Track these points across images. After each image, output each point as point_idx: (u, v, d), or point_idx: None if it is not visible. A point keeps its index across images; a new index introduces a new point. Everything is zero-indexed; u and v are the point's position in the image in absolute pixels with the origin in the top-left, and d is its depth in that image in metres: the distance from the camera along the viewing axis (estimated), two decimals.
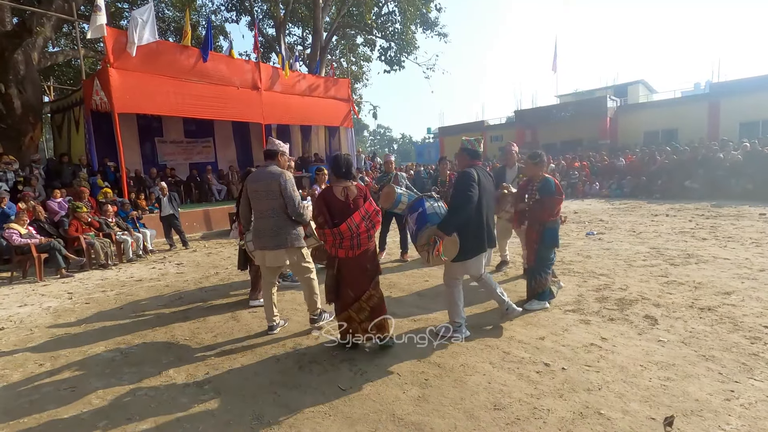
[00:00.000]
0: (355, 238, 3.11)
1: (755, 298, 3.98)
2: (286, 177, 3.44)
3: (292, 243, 3.50)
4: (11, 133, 10.91)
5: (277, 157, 3.61)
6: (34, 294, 5.79)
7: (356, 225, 3.10)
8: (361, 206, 3.18)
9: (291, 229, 3.51)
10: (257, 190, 3.49)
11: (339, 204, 3.18)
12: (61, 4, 11.41)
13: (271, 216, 3.46)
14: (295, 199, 3.45)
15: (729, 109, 19.49)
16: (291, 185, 3.45)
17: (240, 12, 22.75)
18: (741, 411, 2.30)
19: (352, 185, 3.26)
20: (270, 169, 3.50)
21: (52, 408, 2.73)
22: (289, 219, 3.49)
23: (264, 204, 3.47)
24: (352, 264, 3.18)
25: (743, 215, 8.63)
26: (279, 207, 3.45)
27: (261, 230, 3.52)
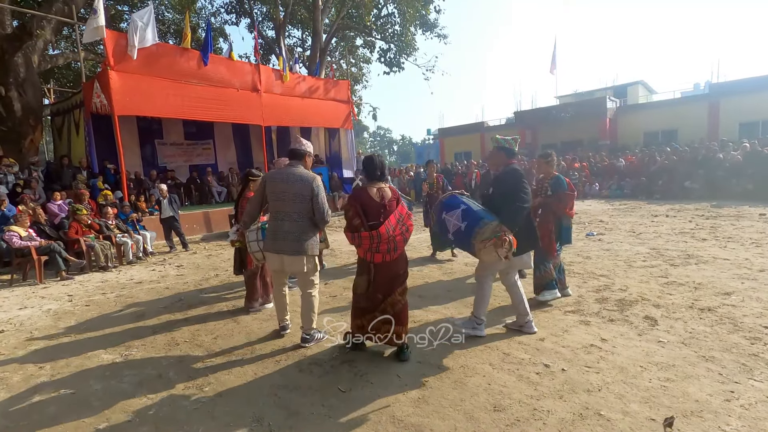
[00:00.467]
0: (392, 242, 3.03)
1: (755, 298, 3.98)
2: (319, 182, 3.32)
3: (312, 250, 3.36)
4: (11, 135, 10.92)
5: (305, 159, 3.45)
6: (34, 296, 5.79)
7: (393, 227, 3.04)
8: (395, 209, 3.11)
9: (313, 236, 3.37)
10: (285, 191, 3.30)
11: (375, 206, 3.09)
12: (61, 6, 11.44)
13: (296, 220, 3.30)
14: (326, 206, 3.33)
15: (728, 109, 19.48)
16: (323, 191, 3.34)
17: (240, 14, 22.78)
18: (741, 412, 2.30)
19: (386, 187, 3.18)
20: (300, 171, 3.34)
21: (53, 411, 2.73)
22: (312, 225, 3.36)
23: (290, 206, 3.29)
24: (386, 269, 3.10)
25: (743, 215, 8.63)
26: (306, 211, 3.30)
27: (281, 233, 3.32)
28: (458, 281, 5.29)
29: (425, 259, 6.66)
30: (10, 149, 10.69)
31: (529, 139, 26.41)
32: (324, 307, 4.54)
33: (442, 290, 4.91)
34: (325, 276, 5.93)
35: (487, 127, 30.12)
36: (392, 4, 20.85)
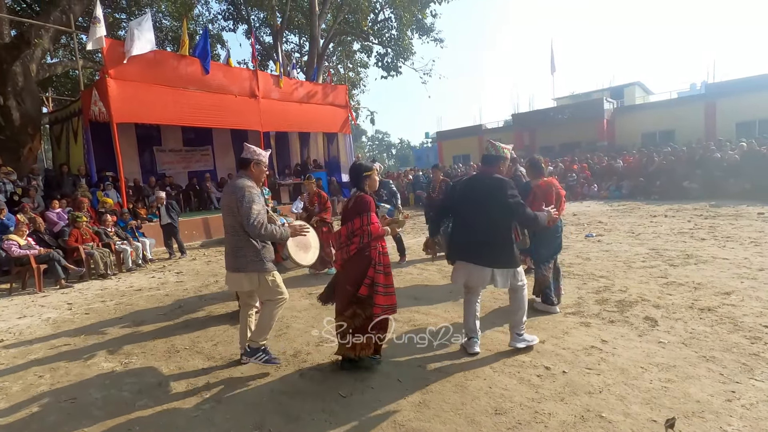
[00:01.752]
0: (340, 251, 3.07)
1: (755, 297, 3.98)
2: (243, 193, 2.94)
3: (251, 267, 3.03)
4: (10, 144, 10.93)
5: (250, 167, 3.14)
6: (34, 305, 5.78)
7: (339, 236, 3.07)
8: (350, 220, 3.02)
9: (250, 251, 3.03)
10: (223, 205, 3.14)
11: (344, 212, 3.18)
12: (59, 15, 11.49)
13: (230, 233, 3.10)
14: (251, 216, 2.91)
15: (725, 109, 19.56)
16: (248, 200, 2.93)
17: (237, 21, 22.89)
18: (742, 412, 2.30)
19: (355, 195, 3.10)
20: (233, 182, 3.09)
21: (53, 420, 2.72)
22: (247, 239, 3.03)
23: (226, 219, 3.12)
24: (340, 275, 3.15)
25: (741, 215, 8.65)
26: (238, 225, 3.01)
27: (226, 247, 3.19)
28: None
29: (425, 261, 6.65)
30: (9, 158, 10.69)
31: (527, 141, 26.49)
32: (324, 312, 4.52)
33: (443, 293, 4.90)
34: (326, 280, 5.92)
35: (485, 130, 30.20)
36: (389, 9, 20.96)
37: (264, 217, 2.99)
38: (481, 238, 3.11)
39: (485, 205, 3.10)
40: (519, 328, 3.23)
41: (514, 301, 3.24)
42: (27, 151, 11.37)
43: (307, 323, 4.20)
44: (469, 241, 3.17)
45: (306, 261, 3.51)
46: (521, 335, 3.24)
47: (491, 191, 3.08)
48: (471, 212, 3.16)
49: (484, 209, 3.10)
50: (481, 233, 3.12)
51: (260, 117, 12.55)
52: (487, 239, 3.10)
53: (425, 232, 7.40)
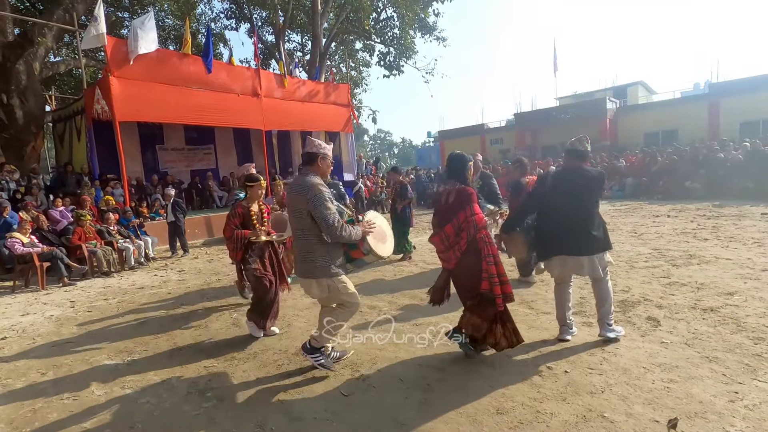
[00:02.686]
0: (450, 251, 2.98)
1: (758, 298, 3.96)
2: (315, 193, 2.74)
3: (322, 273, 2.83)
4: (13, 142, 10.98)
5: (317, 163, 2.94)
6: (37, 303, 5.80)
7: (447, 237, 2.96)
8: (454, 216, 2.94)
9: (321, 256, 2.83)
10: (290, 206, 2.96)
11: (440, 208, 3.10)
12: (62, 14, 11.52)
13: (300, 237, 2.89)
14: (328, 218, 2.71)
15: (729, 108, 19.49)
16: (321, 199, 2.73)
17: (239, 19, 22.90)
18: (745, 412, 2.29)
19: (454, 188, 3.01)
20: (300, 181, 2.87)
21: (55, 417, 2.73)
22: (321, 242, 2.83)
23: (294, 222, 2.92)
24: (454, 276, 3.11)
25: (745, 215, 8.61)
26: (309, 227, 2.82)
27: (296, 252, 3.00)
28: None
29: (427, 260, 6.65)
30: (12, 156, 10.74)
31: (529, 141, 26.45)
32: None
33: None
34: None
35: (487, 129, 30.17)
36: (391, 8, 20.93)
37: (339, 217, 2.82)
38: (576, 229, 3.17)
39: (582, 197, 3.19)
40: (609, 318, 3.26)
41: (601, 291, 3.26)
42: (30, 150, 11.41)
43: (308, 322, 4.20)
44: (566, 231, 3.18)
45: (386, 252, 3.31)
46: (611, 325, 3.27)
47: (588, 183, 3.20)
48: (567, 204, 3.19)
49: (581, 200, 3.18)
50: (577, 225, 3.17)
51: (262, 116, 12.55)
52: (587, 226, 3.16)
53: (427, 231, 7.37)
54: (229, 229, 3.82)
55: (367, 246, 3.05)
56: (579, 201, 3.18)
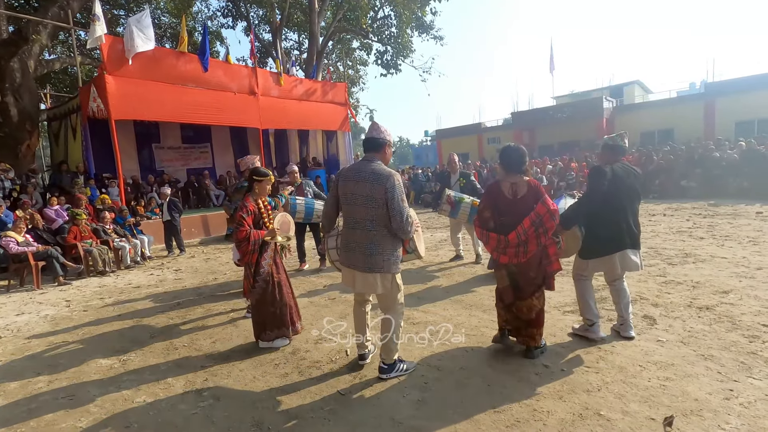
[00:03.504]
0: (522, 246, 2.85)
1: (753, 296, 3.98)
2: (395, 181, 2.66)
3: (389, 268, 2.76)
4: (8, 141, 10.90)
5: (384, 150, 2.82)
6: (32, 302, 5.77)
7: (524, 231, 2.81)
8: (532, 208, 2.83)
9: (391, 248, 2.75)
10: (355, 193, 2.74)
11: (506, 202, 2.92)
12: (57, 11, 11.44)
13: (369, 228, 2.71)
14: (404, 211, 2.66)
15: (724, 108, 19.58)
16: (400, 191, 2.67)
17: (236, 18, 22.77)
18: (740, 410, 2.30)
19: (523, 180, 2.90)
20: (373, 167, 2.72)
21: (51, 417, 2.71)
22: (390, 235, 2.74)
23: (361, 211, 2.73)
24: (517, 269, 2.97)
25: (740, 214, 8.66)
26: (380, 218, 2.69)
27: (352, 244, 2.80)
28: (458, 284, 5.28)
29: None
30: (7, 155, 10.66)
31: (526, 140, 26.48)
32: (324, 310, 4.53)
33: (441, 292, 4.91)
34: (326, 278, 5.92)
35: (484, 128, 30.20)
36: (388, 7, 20.89)
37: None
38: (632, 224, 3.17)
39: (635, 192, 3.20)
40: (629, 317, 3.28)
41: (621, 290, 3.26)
42: (25, 148, 11.34)
43: (306, 321, 4.19)
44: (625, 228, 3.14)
45: (423, 252, 3.28)
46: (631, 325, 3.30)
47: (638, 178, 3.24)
48: (624, 202, 3.14)
49: (635, 196, 3.20)
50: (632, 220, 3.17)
51: (259, 114, 12.53)
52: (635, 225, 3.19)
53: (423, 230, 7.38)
54: (245, 230, 3.38)
55: (412, 244, 3.02)
56: (634, 196, 3.19)
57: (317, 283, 5.70)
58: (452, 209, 5.57)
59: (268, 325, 3.57)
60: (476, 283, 5.17)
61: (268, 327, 3.57)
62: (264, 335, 3.57)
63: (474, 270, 5.82)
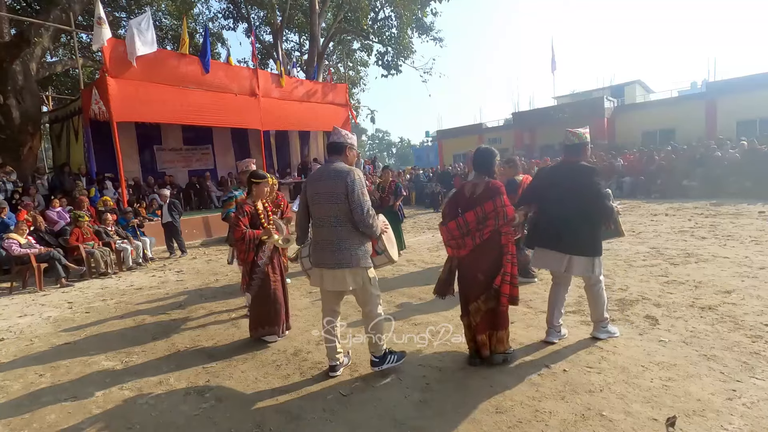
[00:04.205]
0: (460, 239, 2.94)
1: (756, 296, 3.97)
2: (355, 176, 2.77)
3: (357, 261, 2.79)
4: (10, 143, 10.93)
5: (345, 152, 2.93)
6: (34, 304, 5.78)
7: (465, 223, 2.91)
8: (481, 205, 2.91)
9: (358, 243, 2.81)
10: (318, 192, 2.83)
11: (464, 200, 3.05)
12: (59, 14, 11.47)
13: (334, 225, 2.79)
14: (364, 205, 2.75)
15: (726, 107, 19.53)
16: (360, 186, 2.78)
17: (237, 19, 22.84)
18: (743, 410, 2.29)
19: (483, 181, 3.01)
20: (334, 166, 2.85)
21: (53, 418, 2.72)
22: (355, 230, 2.80)
23: (325, 209, 2.82)
24: (464, 266, 3.02)
25: (742, 213, 8.64)
26: (344, 214, 2.77)
27: (320, 242, 2.88)
28: None
29: (424, 260, 6.65)
30: (9, 157, 10.69)
31: (527, 140, 26.48)
32: None
33: None
34: None
35: (485, 129, 30.18)
36: (389, 8, 20.91)
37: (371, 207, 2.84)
38: (564, 225, 3.12)
39: (573, 193, 3.11)
40: (603, 321, 3.31)
41: (591, 295, 3.29)
42: (27, 150, 11.36)
43: (307, 322, 4.20)
44: (551, 227, 3.19)
45: (396, 256, 3.29)
46: (605, 327, 3.32)
47: (579, 179, 3.12)
48: (557, 200, 3.16)
49: (571, 197, 3.11)
50: (565, 220, 3.12)
51: (260, 116, 12.54)
52: (571, 226, 3.11)
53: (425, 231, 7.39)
54: (240, 230, 3.53)
55: (381, 245, 3.06)
56: (569, 196, 3.12)
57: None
58: None
59: (261, 322, 3.70)
60: None
61: (261, 324, 3.71)
62: (256, 332, 3.73)
63: None
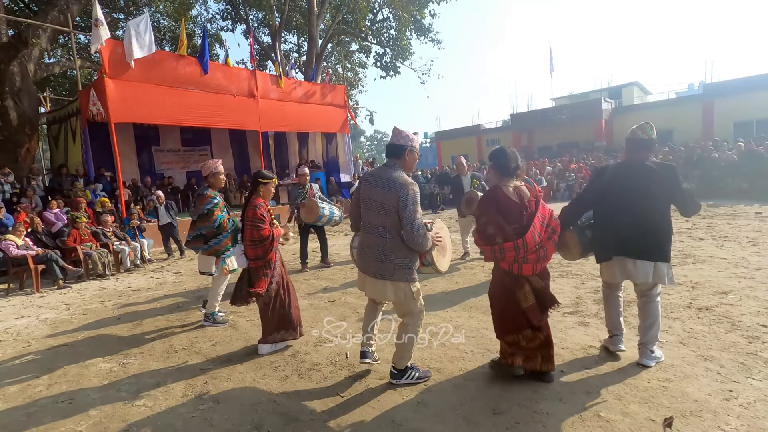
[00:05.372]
0: (541, 249, 2.61)
1: (752, 297, 3.99)
2: (408, 191, 2.57)
3: (401, 276, 2.66)
4: (7, 144, 10.91)
5: (404, 155, 2.73)
6: (31, 306, 5.76)
7: (538, 232, 2.60)
8: (537, 210, 2.65)
9: (403, 257, 2.67)
10: (370, 199, 2.71)
11: (514, 207, 2.66)
12: (57, 15, 11.47)
13: (381, 235, 2.67)
14: (415, 222, 2.55)
15: (723, 109, 19.64)
16: (412, 202, 2.56)
17: (235, 21, 22.87)
18: (740, 411, 2.30)
19: (523, 184, 2.76)
20: (389, 174, 2.66)
21: (50, 421, 2.71)
22: (402, 243, 2.64)
23: (374, 217, 2.69)
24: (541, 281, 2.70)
25: (739, 214, 8.67)
26: (393, 226, 2.64)
27: (366, 248, 2.78)
28: (459, 286, 5.29)
29: None
30: (6, 158, 10.67)
31: (525, 142, 26.54)
32: (323, 312, 4.53)
33: (441, 293, 4.91)
34: (326, 280, 5.92)
35: (483, 130, 30.25)
36: (387, 9, 20.96)
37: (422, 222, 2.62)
38: (646, 229, 2.84)
39: (649, 194, 2.80)
40: (653, 344, 2.89)
41: (653, 306, 2.90)
42: (24, 152, 11.34)
43: (306, 323, 4.18)
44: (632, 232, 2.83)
45: (446, 267, 3.08)
46: (653, 352, 2.89)
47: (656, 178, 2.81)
48: (627, 203, 2.83)
49: (647, 198, 2.81)
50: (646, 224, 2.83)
51: (259, 117, 12.54)
52: (653, 230, 2.85)
53: None
54: (267, 230, 3.42)
55: (429, 258, 2.84)
56: (644, 198, 2.81)
57: (316, 285, 5.70)
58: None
59: (277, 326, 3.55)
60: (477, 285, 5.17)
61: (278, 328, 3.55)
62: (272, 337, 3.54)
63: (474, 272, 5.82)
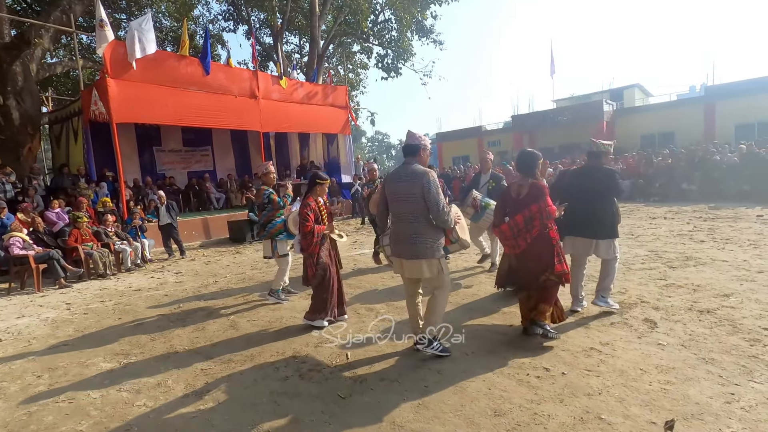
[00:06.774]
0: (515, 239, 3.30)
1: (754, 299, 3.98)
2: (430, 178, 3.08)
3: (432, 254, 3.12)
4: (9, 144, 10.93)
5: (419, 153, 3.24)
6: (32, 305, 5.77)
7: (516, 225, 3.28)
8: (527, 207, 3.26)
9: (431, 237, 3.13)
10: (397, 192, 3.19)
11: (510, 201, 3.42)
12: (60, 15, 11.50)
13: (411, 221, 3.14)
14: (440, 202, 3.06)
15: (724, 111, 19.59)
16: (435, 186, 3.07)
17: (237, 21, 22.92)
18: (741, 414, 2.29)
19: (527, 182, 3.36)
20: (411, 168, 3.16)
21: (50, 420, 2.71)
22: (430, 225, 3.13)
23: (403, 207, 3.16)
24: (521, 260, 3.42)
25: (740, 217, 8.66)
26: (420, 211, 3.10)
27: (399, 236, 3.24)
28: (460, 286, 5.28)
29: None
30: (9, 158, 10.69)
31: (526, 143, 26.49)
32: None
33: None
34: None
35: (484, 131, 30.22)
36: (389, 11, 20.99)
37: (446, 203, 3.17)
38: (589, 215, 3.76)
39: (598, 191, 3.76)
40: (606, 292, 3.90)
41: (607, 267, 3.89)
42: (26, 151, 11.36)
43: (305, 323, 4.19)
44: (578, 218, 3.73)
45: (469, 242, 3.62)
46: (605, 298, 3.90)
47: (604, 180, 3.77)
48: (582, 197, 3.72)
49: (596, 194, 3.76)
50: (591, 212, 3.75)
51: (260, 117, 12.55)
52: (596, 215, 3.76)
53: None
54: (310, 225, 3.93)
55: (455, 234, 3.34)
56: (594, 194, 3.75)
57: None
58: (475, 213, 5.35)
59: (317, 309, 4.06)
60: (477, 285, 5.17)
61: (318, 311, 4.06)
62: (312, 317, 4.06)
63: (475, 273, 5.82)
